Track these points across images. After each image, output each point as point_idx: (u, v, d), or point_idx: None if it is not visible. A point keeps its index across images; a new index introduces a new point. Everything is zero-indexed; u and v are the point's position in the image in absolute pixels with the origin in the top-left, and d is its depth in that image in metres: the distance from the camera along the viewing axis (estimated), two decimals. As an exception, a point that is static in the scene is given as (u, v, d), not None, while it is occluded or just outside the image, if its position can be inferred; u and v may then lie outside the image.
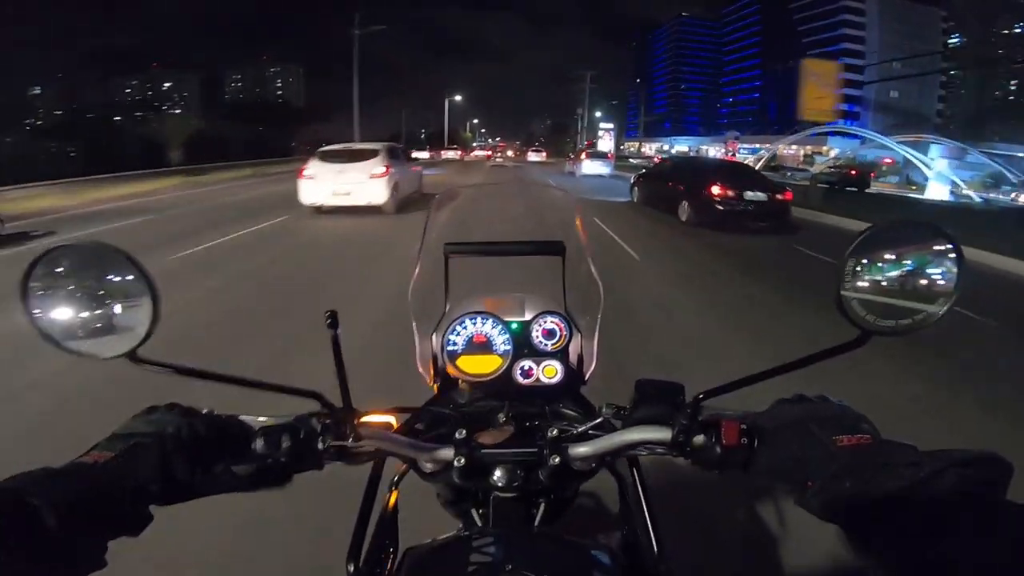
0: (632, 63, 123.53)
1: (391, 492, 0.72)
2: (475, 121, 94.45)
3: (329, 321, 0.50)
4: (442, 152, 49.30)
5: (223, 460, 0.50)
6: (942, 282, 0.45)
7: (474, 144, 79.45)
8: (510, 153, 54.13)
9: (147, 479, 0.44)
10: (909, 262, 0.46)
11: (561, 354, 0.76)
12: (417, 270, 0.84)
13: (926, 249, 0.46)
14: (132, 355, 0.47)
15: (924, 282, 0.46)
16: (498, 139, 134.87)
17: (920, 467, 0.37)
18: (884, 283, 0.46)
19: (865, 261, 0.46)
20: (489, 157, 46.44)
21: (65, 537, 0.35)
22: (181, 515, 0.50)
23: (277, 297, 4.36)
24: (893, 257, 0.47)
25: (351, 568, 0.58)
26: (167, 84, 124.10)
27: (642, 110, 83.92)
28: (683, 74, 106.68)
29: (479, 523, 0.65)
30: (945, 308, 0.45)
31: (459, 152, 50.38)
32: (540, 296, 0.85)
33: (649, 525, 0.64)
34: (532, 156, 42.69)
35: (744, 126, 68.50)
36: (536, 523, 0.64)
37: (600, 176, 20.82)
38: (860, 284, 0.47)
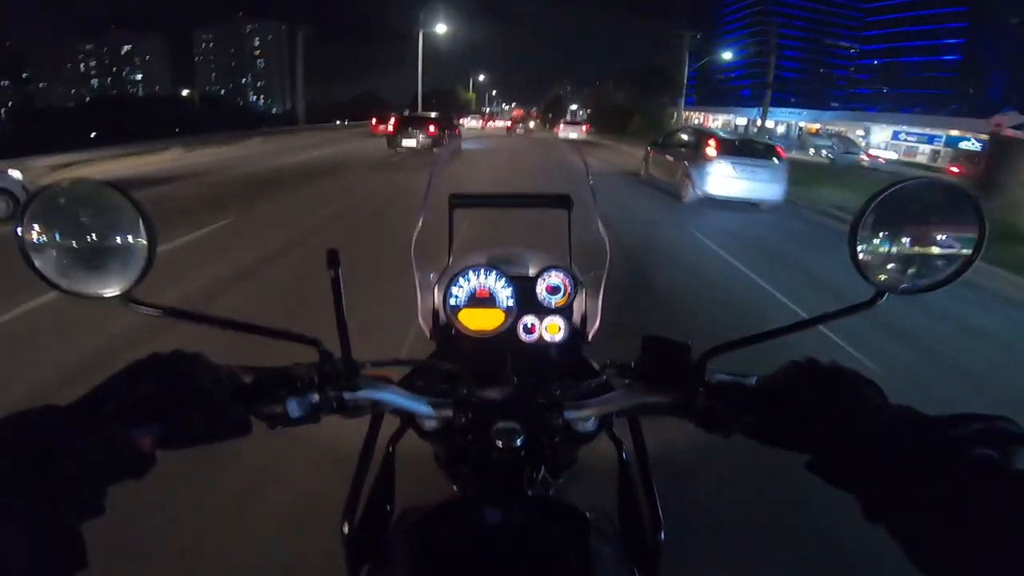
0: (689, 10, 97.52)
1: (388, 452, 0.70)
2: (480, 78, 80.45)
3: (329, 260, 0.48)
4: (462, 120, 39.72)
5: (222, 408, 0.49)
6: (960, 241, 0.45)
7: (485, 110, 66.89)
8: (532, 124, 42.42)
9: (153, 422, 0.43)
10: (926, 221, 0.46)
11: (565, 311, 0.75)
12: (420, 222, 0.82)
13: (944, 208, 0.46)
14: (126, 296, 0.47)
15: (941, 241, 0.46)
16: (513, 104, 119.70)
17: (934, 432, 0.37)
18: (900, 241, 0.46)
19: (882, 219, 0.46)
20: (511, 128, 38.64)
21: (68, 478, 0.35)
22: (173, 471, 0.49)
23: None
24: (910, 216, 0.46)
25: (346, 528, 0.57)
26: (127, 47, 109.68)
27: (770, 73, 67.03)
28: (767, 25, 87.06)
29: (476, 486, 0.64)
30: (962, 267, 0.44)
31: (481, 121, 44.31)
32: (545, 252, 0.84)
33: (647, 492, 0.63)
34: (566, 131, 29.58)
35: (918, 102, 52.04)
36: (534, 488, 0.63)
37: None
38: (876, 242, 0.47)
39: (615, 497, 0.69)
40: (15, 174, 6.70)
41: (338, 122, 36.70)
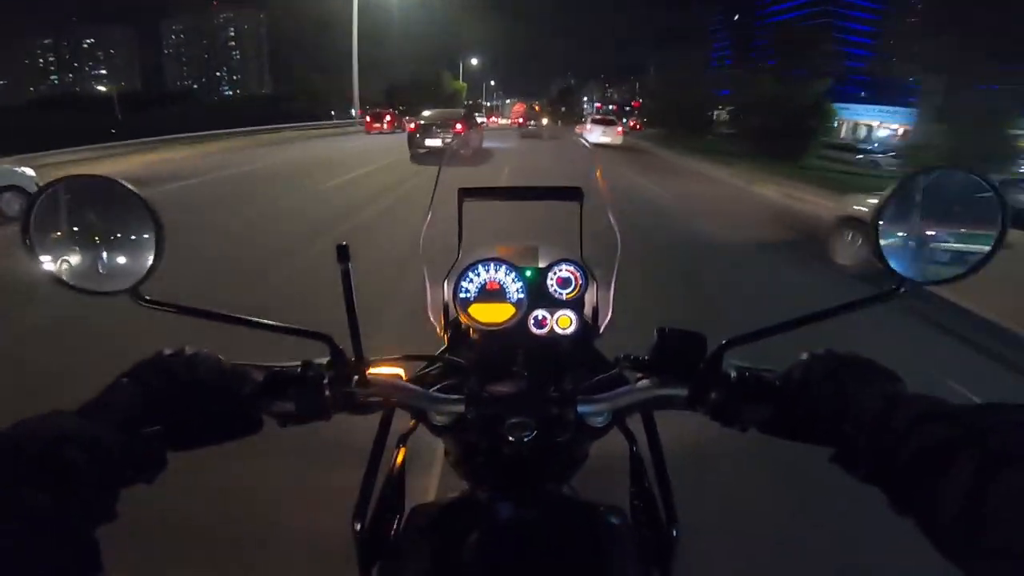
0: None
1: (398, 449, 0.70)
2: (473, 62, 64.94)
3: (339, 254, 0.48)
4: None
5: (232, 406, 0.50)
6: (982, 231, 0.44)
7: (486, 104, 60.70)
8: (545, 121, 37.23)
9: (164, 423, 0.43)
10: (948, 210, 0.46)
11: (576, 304, 0.75)
12: (429, 216, 0.82)
13: (966, 198, 0.45)
14: (133, 292, 0.46)
15: (963, 231, 0.45)
16: (512, 100, 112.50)
17: (960, 422, 0.36)
18: (922, 231, 0.46)
19: (904, 209, 0.46)
20: (523, 124, 31.58)
21: (81, 483, 0.34)
22: (185, 470, 0.49)
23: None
24: (932, 205, 0.46)
25: (357, 526, 0.57)
26: (88, 42, 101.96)
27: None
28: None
29: (488, 482, 0.64)
30: (985, 258, 0.44)
31: (486, 118, 42.61)
32: (555, 246, 0.83)
33: (661, 487, 0.63)
34: (596, 132, 19.99)
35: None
36: (546, 483, 0.63)
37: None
38: (897, 231, 0.47)
39: (628, 492, 0.69)
40: (27, 171, 6.63)
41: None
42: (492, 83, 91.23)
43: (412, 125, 13.94)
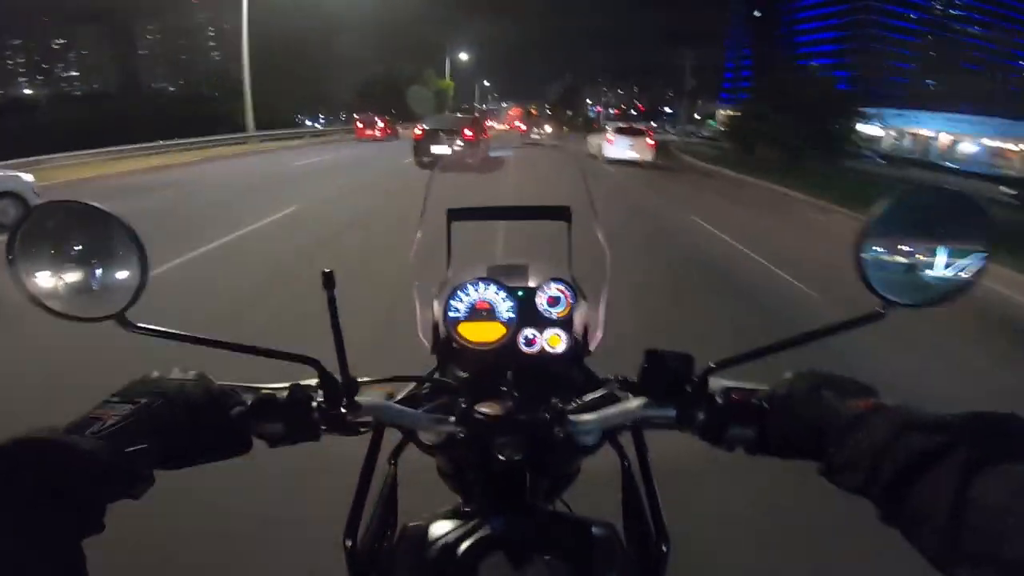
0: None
1: (389, 466, 0.70)
2: (463, 56, 54.72)
3: (325, 281, 0.49)
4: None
5: (221, 427, 0.50)
6: (968, 253, 0.45)
7: (482, 107, 57.55)
8: (548, 128, 33.90)
9: (152, 441, 0.44)
10: (932, 230, 0.46)
11: (566, 323, 0.75)
12: (418, 236, 0.82)
13: (951, 216, 0.46)
14: (120, 318, 0.47)
15: (949, 252, 0.45)
16: (511, 103, 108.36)
17: (944, 429, 0.37)
18: (907, 252, 0.46)
19: (888, 229, 0.46)
20: (525, 131, 32.47)
21: (69, 497, 0.35)
22: (175, 487, 0.49)
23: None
24: (918, 225, 0.46)
25: (348, 544, 0.58)
26: (58, 43, 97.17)
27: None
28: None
29: (479, 499, 0.64)
30: (970, 280, 0.45)
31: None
32: (545, 264, 0.84)
33: (651, 503, 0.64)
34: (619, 147, 15.55)
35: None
36: (537, 500, 0.63)
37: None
38: (882, 253, 0.47)
39: (619, 508, 0.69)
40: (27, 177, 6.57)
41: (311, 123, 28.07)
42: (487, 84, 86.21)
43: (418, 131, 12.99)
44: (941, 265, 0.46)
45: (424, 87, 42.09)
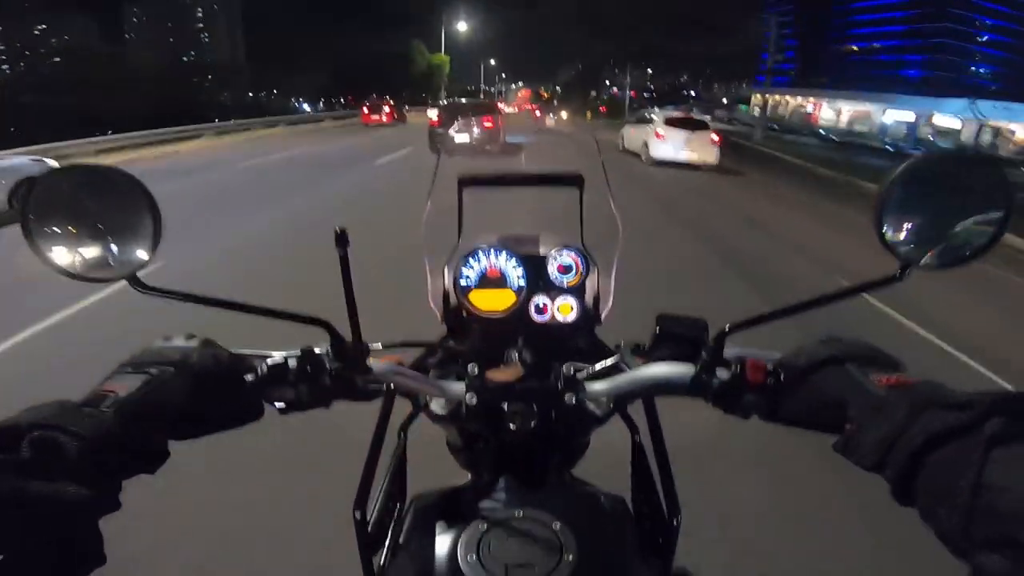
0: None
1: (399, 438, 0.70)
2: (461, 27, 43.63)
3: (337, 239, 0.48)
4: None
5: (233, 395, 0.50)
6: (987, 215, 0.45)
7: (490, 89, 53.82)
8: (564, 114, 30.17)
9: (165, 413, 0.44)
10: (953, 194, 0.46)
11: (577, 291, 0.75)
12: (428, 205, 0.81)
13: (971, 181, 0.46)
14: (133, 279, 0.47)
15: (968, 215, 0.45)
16: (520, 84, 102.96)
17: (966, 408, 0.36)
18: (927, 215, 0.47)
19: (908, 192, 0.46)
20: (538, 116, 26.12)
21: (84, 475, 0.35)
22: (185, 455, 0.49)
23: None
24: (937, 188, 0.46)
25: (358, 515, 0.57)
26: (39, 28, 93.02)
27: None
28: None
29: (489, 471, 0.64)
30: (989, 241, 0.45)
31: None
32: (556, 235, 0.83)
33: (662, 476, 0.63)
34: (673, 145, 11.64)
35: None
36: (547, 472, 0.64)
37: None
38: (902, 215, 0.47)
39: (629, 482, 0.69)
40: (52, 163, 6.66)
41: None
42: (492, 62, 78.79)
43: (435, 117, 12.01)
44: (959, 226, 0.45)
45: (415, 63, 37.63)
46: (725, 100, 61.56)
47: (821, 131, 36.34)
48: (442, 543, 0.53)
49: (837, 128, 38.26)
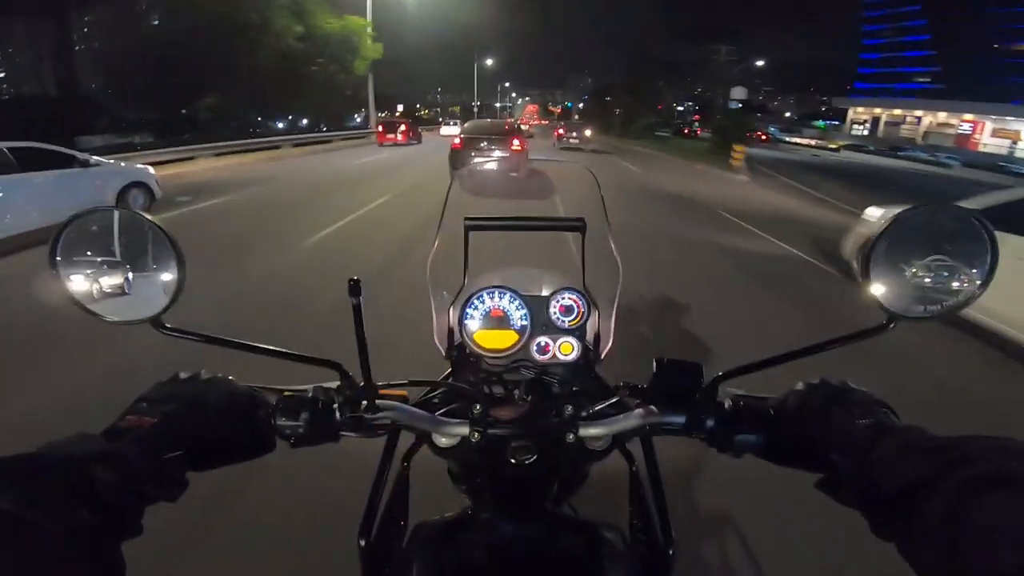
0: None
1: (402, 467, 0.72)
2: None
3: (351, 289, 0.50)
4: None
5: (247, 429, 0.52)
6: (973, 267, 0.46)
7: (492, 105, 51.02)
8: (588, 132, 25.65)
9: (183, 445, 0.45)
10: (939, 246, 0.47)
11: (578, 331, 0.77)
12: (436, 244, 0.84)
13: (957, 233, 0.47)
14: (155, 321, 0.49)
15: (954, 267, 0.47)
16: (526, 99, 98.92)
17: (945, 451, 0.38)
18: (913, 267, 0.48)
19: (894, 244, 0.47)
20: (561, 135, 23.12)
21: (107, 503, 0.37)
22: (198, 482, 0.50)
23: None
24: (923, 241, 0.48)
25: (362, 543, 0.59)
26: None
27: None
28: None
29: (490, 502, 0.66)
30: (975, 293, 0.46)
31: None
32: (558, 273, 0.85)
33: (658, 507, 0.65)
34: None
35: None
36: (547, 503, 0.65)
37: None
38: (889, 268, 0.48)
39: (627, 512, 0.71)
40: (150, 170, 7.09)
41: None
42: (489, 62, 71.32)
43: (457, 141, 11.26)
44: (945, 278, 0.47)
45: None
46: (794, 117, 49.01)
47: (1003, 163, 27.87)
48: (443, 570, 0.55)
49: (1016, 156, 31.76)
